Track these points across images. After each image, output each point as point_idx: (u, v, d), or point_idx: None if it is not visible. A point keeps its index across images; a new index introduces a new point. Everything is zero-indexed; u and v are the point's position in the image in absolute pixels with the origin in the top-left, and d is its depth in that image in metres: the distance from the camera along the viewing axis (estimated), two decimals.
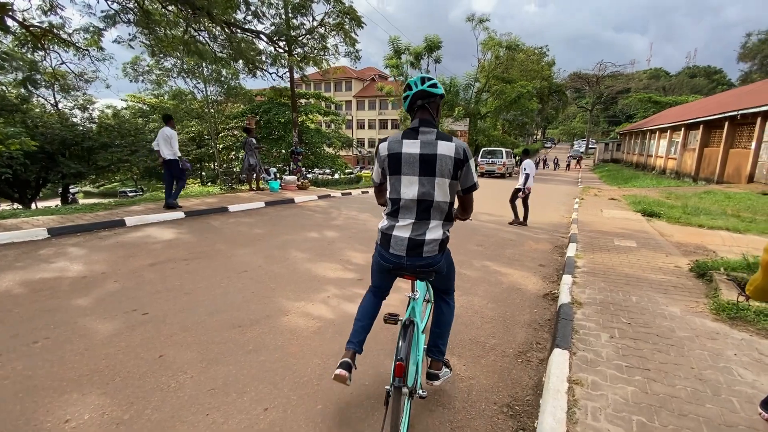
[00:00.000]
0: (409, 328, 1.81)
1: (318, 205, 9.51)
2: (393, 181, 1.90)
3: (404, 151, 1.81)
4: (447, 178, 1.81)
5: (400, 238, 1.85)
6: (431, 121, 1.86)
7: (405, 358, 1.67)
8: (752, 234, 7.17)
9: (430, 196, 1.82)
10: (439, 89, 1.89)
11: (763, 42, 43.49)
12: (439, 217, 1.88)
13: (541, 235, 7.19)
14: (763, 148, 14.66)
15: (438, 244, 1.87)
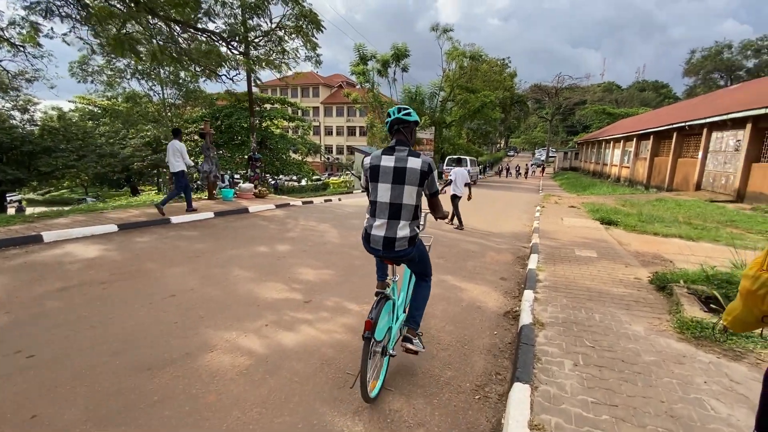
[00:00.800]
0: (381, 300, 2.32)
1: (274, 214, 8.94)
2: (372, 187, 2.40)
3: (382, 164, 2.31)
4: (414, 185, 2.30)
5: (377, 236, 2.34)
6: (405, 141, 2.37)
7: (374, 318, 2.16)
8: (704, 242, 7.35)
9: (400, 199, 2.29)
10: (413, 117, 2.38)
11: (705, 58, 47.10)
12: (407, 217, 2.33)
13: (503, 245, 7.02)
14: (709, 157, 15.57)
15: (407, 240, 2.34)
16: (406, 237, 2.32)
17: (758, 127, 12.69)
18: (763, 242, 7.38)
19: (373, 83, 27.80)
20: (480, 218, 10.05)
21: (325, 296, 3.98)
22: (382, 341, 2.38)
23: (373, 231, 2.36)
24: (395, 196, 2.29)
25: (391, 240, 2.31)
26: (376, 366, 2.41)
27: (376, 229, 2.35)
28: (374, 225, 2.36)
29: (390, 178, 2.29)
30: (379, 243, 2.34)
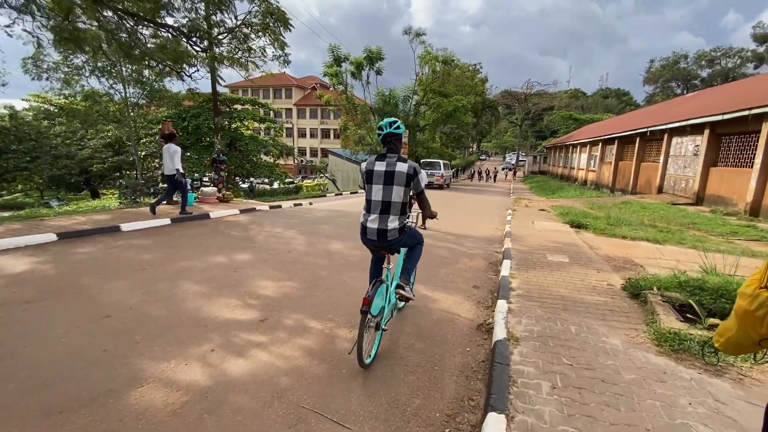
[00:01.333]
0: (377, 283, 2.70)
1: (238, 220, 8.43)
2: (368, 188, 2.82)
3: (375, 169, 2.77)
4: (402, 186, 2.74)
5: (372, 229, 2.78)
6: (395, 150, 2.84)
7: (371, 296, 2.53)
8: (670, 245, 7.47)
9: (389, 197, 2.75)
10: (401, 129, 2.86)
11: (663, 68, 49.72)
12: (396, 212, 2.78)
13: (475, 250, 6.85)
14: (670, 162, 16.20)
15: (397, 231, 2.80)
16: (396, 228, 2.82)
17: (715, 133, 13.28)
18: (724, 244, 7.59)
19: (346, 85, 27.45)
20: (453, 222, 9.91)
21: (285, 313, 3.62)
22: (377, 317, 2.80)
23: (368, 224, 2.83)
24: (386, 195, 2.78)
25: (383, 231, 2.80)
26: (371, 338, 2.81)
27: (371, 222, 2.82)
28: (369, 219, 2.83)
29: (382, 180, 2.78)
30: (374, 234, 2.82)
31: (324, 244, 6.52)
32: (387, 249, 2.95)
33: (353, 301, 4.01)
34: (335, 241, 6.85)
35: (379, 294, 2.73)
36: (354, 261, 5.60)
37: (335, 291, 4.28)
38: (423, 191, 2.92)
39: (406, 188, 2.80)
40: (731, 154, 12.73)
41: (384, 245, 2.88)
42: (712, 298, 3.61)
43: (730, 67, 43.75)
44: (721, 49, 45.19)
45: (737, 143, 12.46)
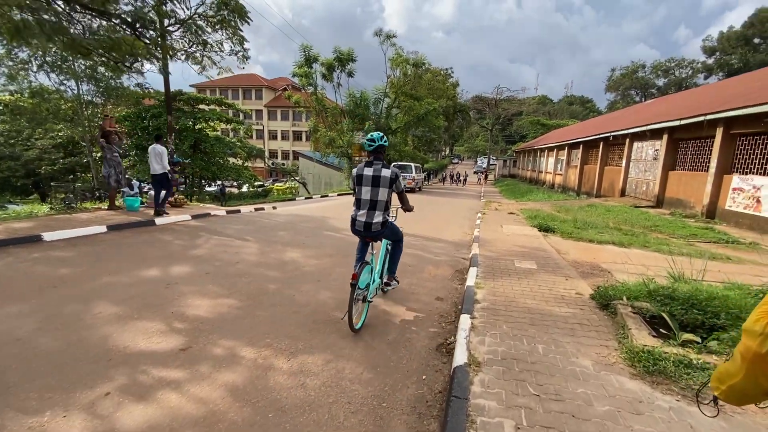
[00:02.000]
0: (363, 264, 3.29)
1: (187, 227, 7.72)
2: (358, 189, 3.50)
3: (364, 174, 3.46)
4: (386, 188, 3.44)
5: (360, 222, 3.47)
6: (380, 158, 3.52)
7: (358, 272, 3.13)
8: (635, 248, 7.43)
9: (376, 197, 3.43)
10: (387, 142, 3.53)
11: (623, 76, 52.13)
12: (381, 209, 3.46)
13: (442, 256, 6.52)
14: (632, 166, 16.65)
15: (381, 224, 3.46)
16: (379, 222, 3.43)
17: (673, 138, 13.70)
18: (686, 247, 7.65)
19: (316, 86, 26.82)
20: (422, 226, 9.58)
21: (213, 339, 3.09)
22: (364, 291, 3.34)
23: (357, 218, 3.46)
24: (373, 195, 3.40)
25: (369, 224, 3.41)
26: (359, 309, 3.37)
27: (360, 216, 3.45)
28: (358, 214, 3.47)
29: (370, 183, 3.39)
30: (362, 226, 3.44)
31: (279, 253, 5.99)
32: (372, 238, 3.60)
33: (300, 320, 3.54)
34: (292, 249, 6.33)
35: (365, 272, 3.31)
36: (309, 271, 5.11)
37: (281, 308, 3.78)
38: (403, 190, 3.68)
39: (390, 189, 3.48)
40: (688, 159, 13.15)
41: (369, 235, 3.52)
42: (683, 308, 3.39)
43: (683, 77, 46.46)
44: (674, 60, 47.96)
45: (693, 148, 12.88)
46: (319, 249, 6.41)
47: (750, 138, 10.49)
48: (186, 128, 28.96)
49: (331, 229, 8.42)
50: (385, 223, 3.51)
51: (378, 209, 3.44)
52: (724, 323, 3.13)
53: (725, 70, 36.65)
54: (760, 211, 9.71)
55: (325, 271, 5.15)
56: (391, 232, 3.70)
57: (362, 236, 3.60)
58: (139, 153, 25.84)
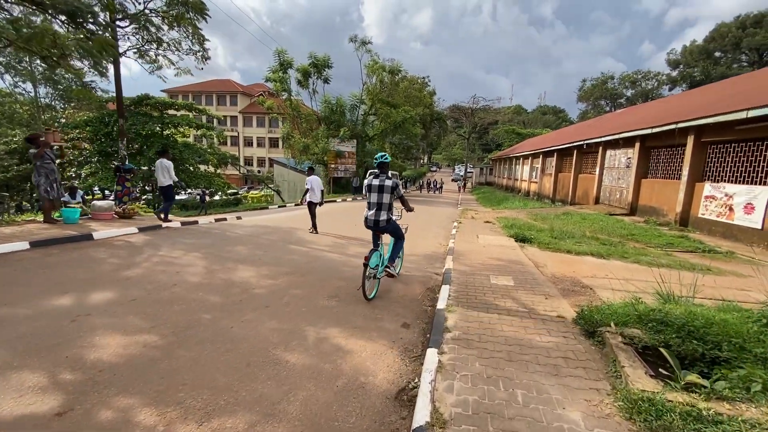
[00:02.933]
0: (374, 251, 4.39)
1: (129, 241, 6.89)
2: (368, 195, 4.59)
3: (372, 183, 4.55)
4: (388, 193, 4.51)
5: (370, 219, 4.56)
6: (385, 171, 4.61)
7: (369, 257, 4.19)
8: (615, 259, 7.12)
9: (381, 200, 4.50)
10: (388, 159, 4.69)
11: (594, 87, 53.82)
12: (386, 209, 4.55)
13: (413, 271, 5.97)
14: (605, 173, 16.73)
15: (385, 221, 4.55)
16: (384, 219, 4.58)
17: (645, 146, 13.78)
18: (664, 257, 7.41)
19: (290, 92, 26.10)
20: None
21: (108, 395, 2.40)
22: (375, 270, 4.53)
23: (368, 216, 4.62)
24: (379, 198, 4.55)
25: (377, 221, 4.58)
26: (371, 284, 4.53)
27: (370, 215, 4.61)
28: (369, 214, 4.62)
29: (376, 190, 4.56)
30: (371, 222, 4.60)
31: (228, 272, 5.29)
32: (380, 231, 4.68)
33: (231, 362, 2.88)
34: (246, 266, 5.64)
35: (375, 256, 4.35)
36: (258, 295, 4.45)
37: (210, 346, 3.11)
38: (402, 195, 4.80)
39: (391, 195, 4.57)
40: (660, 167, 13.22)
41: (377, 229, 4.63)
42: (679, 336, 2.95)
43: (649, 89, 48.38)
44: (641, 73, 49.95)
45: (665, 156, 12.95)
46: (276, 266, 5.74)
47: (721, 146, 10.53)
48: (153, 134, 27.63)
49: (296, 242, 7.76)
50: (389, 220, 4.65)
51: (383, 210, 4.58)
52: (727, 356, 2.69)
53: (688, 82, 38.35)
54: (732, 219, 9.69)
55: (277, 294, 4.50)
56: (393, 229, 4.81)
57: (372, 230, 4.72)
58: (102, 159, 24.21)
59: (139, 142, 27.23)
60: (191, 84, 73.52)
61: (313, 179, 9.23)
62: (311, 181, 9.20)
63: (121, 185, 9.89)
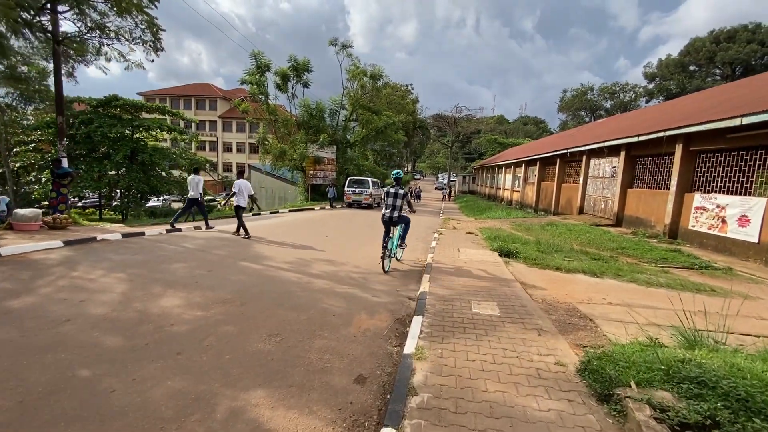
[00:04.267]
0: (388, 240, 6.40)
1: (45, 259, 5.74)
2: (386, 199, 6.62)
3: (390, 191, 6.63)
4: (401, 199, 6.58)
5: (387, 216, 6.48)
6: (399, 183, 6.67)
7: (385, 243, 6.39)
8: (609, 277, 6.39)
9: (395, 203, 6.53)
10: (401, 174, 6.86)
11: (574, 98, 54.65)
12: (398, 210, 6.54)
13: (382, 296, 5.05)
14: (589, 183, 16.28)
15: (397, 217, 6.53)
16: (398, 216, 6.46)
17: (631, 155, 13.34)
18: (662, 275, 6.73)
19: (267, 95, 25.04)
20: (368, 250, 8.13)
21: None
22: (391, 250, 6.51)
23: (386, 214, 6.44)
24: (394, 202, 6.46)
25: (391, 217, 6.40)
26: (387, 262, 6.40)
27: (387, 213, 6.44)
28: (386, 212, 6.46)
29: (392, 197, 6.50)
30: (388, 218, 6.40)
31: (148, 300, 4.25)
32: (394, 225, 6.58)
33: None
34: (175, 292, 4.60)
35: (390, 242, 6.44)
36: (177, 334, 3.44)
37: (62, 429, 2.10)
38: (410, 201, 7.08)
39: (402, 200, 6.58)
40: (647, 176, 12.77)
41: (392, 223, 6.50)
42: (728, 407, 2.13)
43: (627, 100, 49.36)
44: (619, 85, 51.03)
45: (651, 165, 12.51)
46: (214, 291, 4.73)
47: (711, 155, 10.09)
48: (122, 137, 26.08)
49: (251, 258, 6.74)
50: (400, 216, 6.57)
51: (396, 210, 6.48)
52: None
53: (665, 94, 39.13)
54: (725, 232, 9.17)
55: (199, 333, 3.50)
56: (402, 221, 6.79)
57: (387, 224, 6.46)
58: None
59: (105, 145, 25.63)
60: (169, 87, 71.43)
61: (241, 183, 9.26)
62: (239, 184, 9.20)
63: (56, 191, 8.66)
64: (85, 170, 24.74)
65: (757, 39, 35.09)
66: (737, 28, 36.48)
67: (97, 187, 25.63)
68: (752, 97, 10.12)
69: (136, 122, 25.66)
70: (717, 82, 33.96)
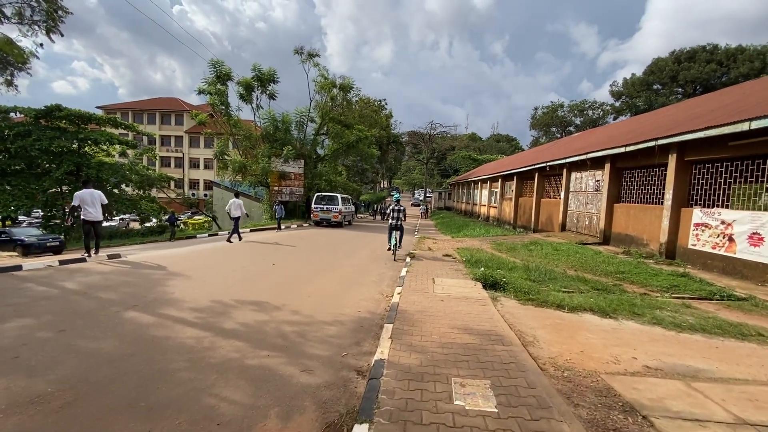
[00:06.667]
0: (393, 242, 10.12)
1: None
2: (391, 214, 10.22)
3: (395, 208, 10.25)
4: (402, 213, 10.23)
5: (393, 224, 10.12)
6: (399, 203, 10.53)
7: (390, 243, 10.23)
8: (625, 318, 4.94)
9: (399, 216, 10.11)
10: (399, 197, 11.19)
11: (545, 114, 55.48)
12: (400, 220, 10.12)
13: (317, 368, 3.32)
14: (571, 197, 15.21)
15: (401, 225, 10.18)
16: (400, 224, 10.07)
17: (616, 167, 12.34)
18: (686, 311, 5.34)
19: (228, 105, 23.16)
20: (322, 283, 6.39)
21: None
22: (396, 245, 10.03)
23: (392, 223, 10.04)
24: (398, 215, 10.05)
25: (398, 225, 10.04)
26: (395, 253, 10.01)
27: (393, 222, 10.02)
28: (393, 222, 10.03)
29: (396, 211, 10.10)
30: (394, 226, 10.03)
31: None
32: (396, 230, 10.01)
33: None
34: None
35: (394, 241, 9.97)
36: None
37: None
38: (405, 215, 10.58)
39: (403, 213, 10.13)
40: (635, 190, 11.74)
41: (395, 229, 9.99)
42: None
43: (595, 117, 50.46)
44: (588, 102, 52.22)
45: (640, 178, 11.50)
46: (35, 374, 2.88)
47: (709, 165, 9.06)
48: (68, 151, 23.41)
49: (145, 305, 4.84)
50: (401, 225, 10.03)
51: (399, 220, 9.94)
52: None
53: (633, 111, 39.95)
54: (734, 252, 8.03)
55: None
56: (402, 228, 10.14)
57: (393, 230, 10.01)
58: None
59: (45, 160, 22.88)
60: (132, 101, 67.89)
61: (83, 193, 7.92)
62: (80, 196, 7.84)
63: None
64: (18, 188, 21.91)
65: (715, 59, 36.49)
66: (696, 49, 37.92)
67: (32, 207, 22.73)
68: (750, 102, 9.23)
69: (82, 135, 23.15)
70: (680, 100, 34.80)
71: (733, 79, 32.88)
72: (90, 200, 7.77)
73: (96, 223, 7.93)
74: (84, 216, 7.71)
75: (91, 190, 7.94)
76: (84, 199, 7.74)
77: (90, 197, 7.79)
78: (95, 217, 7.82)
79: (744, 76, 32.22)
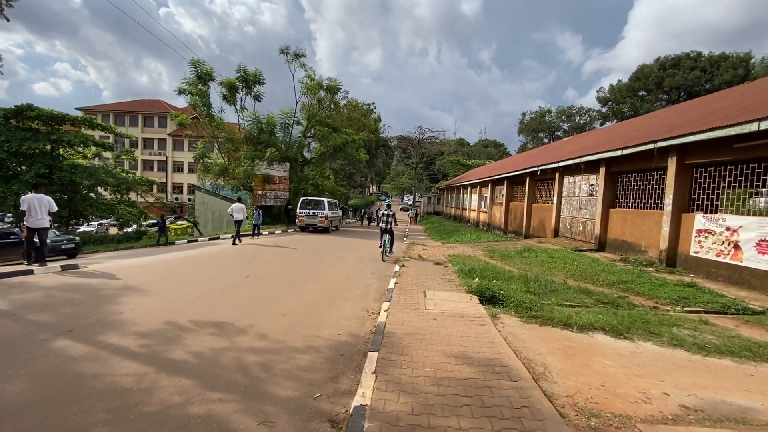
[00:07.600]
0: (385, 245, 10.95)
1: None
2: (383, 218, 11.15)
3: (383, 212, 11.27)
4: (392, 218, 11.22)
5: (383, 227, 11.11)
6: (389, 207, 11.60)
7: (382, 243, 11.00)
8: (641, 339, 4.36)
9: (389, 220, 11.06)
10: (390, 202, 12.55)
11: (533, 119, 55.84)
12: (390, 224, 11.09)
13: (281, 420, 2.62)
14: (564, 202, 14.79)
15: (390, 229, 11.07)
16: (391, 229, 11.00)
17: (611, 171, 11.93)
18: (704, 328, 4.80)
19: (209, 106, 22.25)
20: (296, 298, 5.67)
21: None
22: (387, 249, 10.91)
23: (382, 227, 11.04)
24: (388, 219, 10.98)
25: (387, 229, 10.94)
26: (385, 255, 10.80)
27: (383, 226, 11.01)
28: (383, 225, 11.03)
29: (386, 215, 11.02)
30: (385, 230, 10.97)
31: None
32: (387, 233, 10.90)
33: None
34: None
35: (387, 243, 10.82)
36: None
37: None
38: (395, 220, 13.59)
39: (393, 217, 11.23)
40: (631, 195, 11.32)
41: (386, 232, 10.91)
42: None
43: (582, 123, 50.93)
44: (575, 108, 52.82)
45: (636, 182, 11.09)
46: None
47: (711, 169, 8.65)
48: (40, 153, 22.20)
49: (82, 329, 4.05)
50: (391, 229, 10.99)
51: (389, 224, 10.91)
52: None
53: (619, 117, 40.30)
54: (740, 260, 7.58)
55: None
56: (392, 232, 11.09)
57: (384, 233, 10.94)
58: None
59: (14, 162, 21.59)
60: (114, 103, 65.91)
61: (31, 197, 7.24)
62: (27, 200, 7.16)
63: None
64: None
65: (699, 66, 37.07)
66: (681, 56, 38.50)
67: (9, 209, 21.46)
68: (753, 102, 8.88)
69: (55, 136, 21.94)
70: (665, 106, 35.11)
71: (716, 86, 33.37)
72: (37, 205, 6.97)
73: (41, 230, 7.12)
74: (27, 223, 6.90)
75: (40, 195, 7.15)
76: (32, 204, 6.94)
77: (38, 202, 7.00)
78: (40, 224, 7.02)
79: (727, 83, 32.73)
